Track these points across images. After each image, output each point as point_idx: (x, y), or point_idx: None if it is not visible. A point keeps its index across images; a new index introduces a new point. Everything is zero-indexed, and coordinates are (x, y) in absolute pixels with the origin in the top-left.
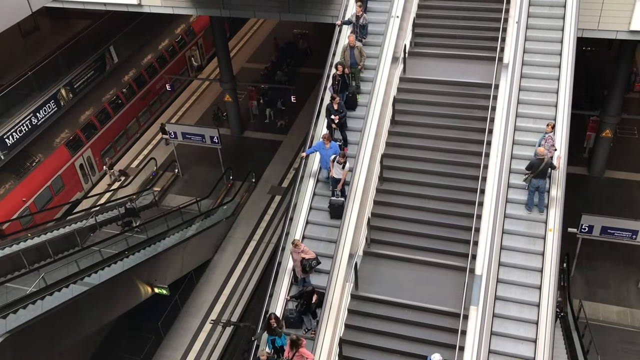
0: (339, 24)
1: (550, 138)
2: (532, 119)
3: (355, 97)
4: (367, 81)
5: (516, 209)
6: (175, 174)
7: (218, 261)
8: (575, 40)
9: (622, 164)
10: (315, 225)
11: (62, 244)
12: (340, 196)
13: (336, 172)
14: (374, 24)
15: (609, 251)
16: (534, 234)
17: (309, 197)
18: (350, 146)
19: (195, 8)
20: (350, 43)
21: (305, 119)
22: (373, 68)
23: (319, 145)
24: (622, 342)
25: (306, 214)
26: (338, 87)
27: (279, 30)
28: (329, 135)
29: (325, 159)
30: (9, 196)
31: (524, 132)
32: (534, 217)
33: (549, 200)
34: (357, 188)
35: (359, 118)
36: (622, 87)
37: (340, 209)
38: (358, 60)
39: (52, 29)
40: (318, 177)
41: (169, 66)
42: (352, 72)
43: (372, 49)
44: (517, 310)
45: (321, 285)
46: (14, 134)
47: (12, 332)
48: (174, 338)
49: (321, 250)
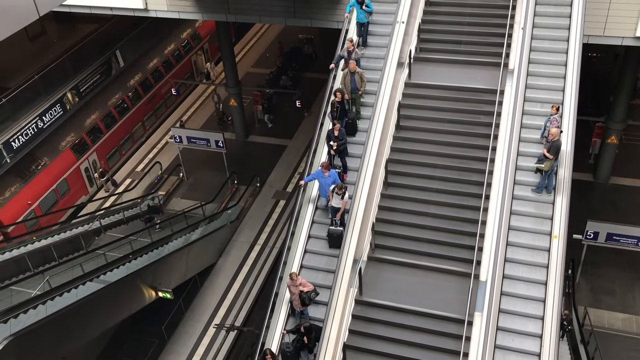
0: (331, 67)
1: (556, 120)
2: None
3: (355, 123)
4: (367, 106)
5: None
6: (180, 178)
7: (222, 265)
8: (581, 46)
9: (627, 170)
10: (313, 255)
11: (67, 247)
12: (339, 225)
13: (335, 202)
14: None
15: (615, 258)
16: (541, 229)
17: (308, 224)
18: (353, 157)
19: (201, 12)
20: (350, 69)
21: (310, 124)
22: (374, 93)
23: (318, 173)
24: (628, 349)
25: (304, 242)
26: (337, 114)
27: (285, 36)
28: (328, 163)
29: (323, 188)
30: (15, 199)
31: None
32: (543, 198)
33: (554, 205)
34: (361, 193)
35: (359, 144)
36: (627, 93)
37: (339, 239)
38: (359, 86)
39: (59, 33)
40: (317, 204)
41: (174, 70)
42: (352, 97)
43: (371, 73)
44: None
45: (319, 317)
46: (20, 138)
47: (17, 335)
48: (178, 342)
49: (320, 281)
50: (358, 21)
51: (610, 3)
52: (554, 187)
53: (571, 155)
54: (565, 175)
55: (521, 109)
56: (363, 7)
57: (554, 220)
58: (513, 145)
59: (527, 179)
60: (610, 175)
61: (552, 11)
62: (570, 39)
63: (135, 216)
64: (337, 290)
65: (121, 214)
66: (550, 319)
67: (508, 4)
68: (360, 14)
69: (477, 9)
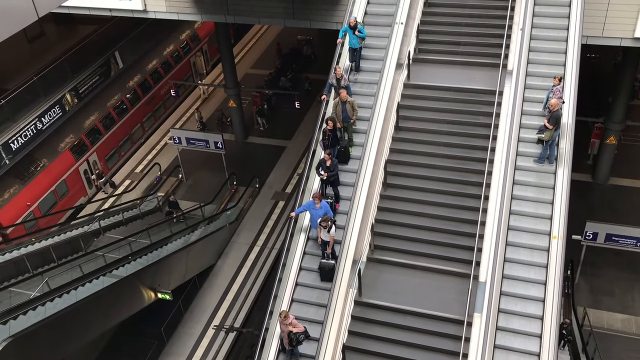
0: (323, 98)
1: (558, 90)
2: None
3: (347, 150)
4: (360, 132)
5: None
6: (179, 179)
7: (221, 266)
8: (580, 46)
9: (626, 171)
10: (305, 288)
11: (66, 249)
12: (331, 258)
13: (324, 235)
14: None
15: (614, 258)
16: (543, 199)
17: (299, 256)
18: (346, 186)
19: (200, 14)
20: (342, 98)
21: (309, 125)
22: (367, 119)
23: (309, 205)
24: (627, 350)
25: (295, 274)
26: (328, 142)
27: (284, 37)
28: (320, 194)
29: (315, 219)
30: (14, 200)
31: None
32: (545, 169)
33: (556, 175)
34: (360, 194)
35: (352, 172)
36: (626, 94)
37: (331, 273)
38: (350, 115)
39: (58, 34)
40: (309, 234)
41: (173, 72)
42: (344, 125)
43: (365, 99)
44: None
45: (310, 354)
46: (19, 139)
47: (16, 336)
48: (177, 343)
49: (311, 316)
50: (350, 46)
51: (609, 4)
52: (556, 157)
53: (572, 129)
54: (567, 147)
55: (520, 110)
56: (356, 33)
57: (552, 220)
58: (512, 146)
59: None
60: (609, 176)
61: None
62: (569, 40)
63: (134, 217)
64: (336, 291)
65: (120, 216)
66: (549, 319)
67: (507, 5)
68: (353, 39)
69: (475, 10)
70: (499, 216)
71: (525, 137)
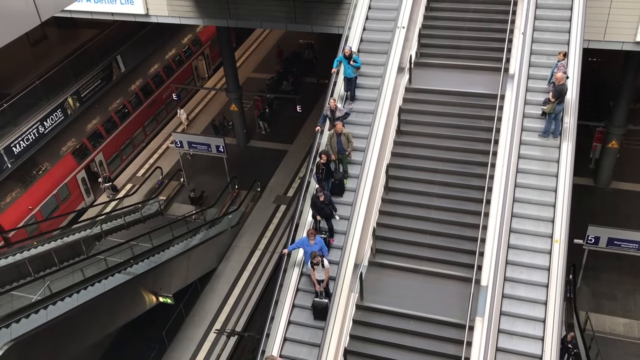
0: (317, 129)
1: (563, 65)
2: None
3: (342, 183)
4: (355, 164)
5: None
6: (181, 183)
7: (223, 270)
8: (581, 50)
9: (628, 175)
10: (297, 326)
11: (67, 253)
12: (325, 296)
13: (318, 275)
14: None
15: (616, 263)
16: (547, 171)
17: (292, 293)
18: (342, 220)
19: (202, 18)
20: (337, 130)
21: (310, 129)
22: (362, 150)
23: (303, 241)
24: (629, 354)
25: (288, 312)
26: (322, 176)
27: (285, 41)
28: (314, 230)
29: (309, 255)
30: (15, 204)
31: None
32: (549, 143)
33: (560, 149)
34: (362, 197)
35: (347, 204)
36: (628, 98)
37: (324, 312)
38: (345, 147)
39: (60, 38)
40: (302, 269)
41: (175, 76)
42: (339, 158)
43: (360, 129)
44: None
45: None
46: (21, 143)
47: (17, 340)
48: (178, 347)
49: (304, 356)
50: (345, 76)
51: (611, 8)
52: (560, 132)
53: (576, 104)
54: (571, 122)
55: (522, 114)
56: (351, 62)
57: (554, 222)
58: (514, 150)
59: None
60: (611, 180)
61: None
62: (570, 43)
63: (136, 221)
64: (338, 295)
65: (122, 219)
66: (551, 323)
67: (508, 9)
68: (348, 68)
69: (477, 14)
70: (500, 220)
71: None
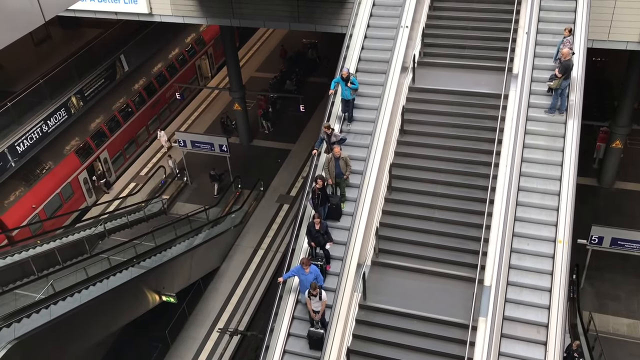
0: (314, 153)
1: (569, 42)
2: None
3: (339, 207)
4: (353, 187)
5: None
6: (184, 182)
7: (226, 269)
8: (586, 49)
9: (632, 175)
10: (293, 356)
11: (71, 252)
12: (321, 327)
13: (314, 305)
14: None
15: (619, 263)
16: (553, 146)
17: (287, 321)
18: (338, 245)
19: (206, 17)
20: (335, 154)
21: (314, 129)
22: (360, 172)
23: (297, 270)
24: (633, 355)
25: (284, 341)
26: (318, 201)
27: (289, 40)
28: (308, 259)
29: (304, 285)
30: (19, 203)
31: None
32: (555, 119)
33: (566, 125)
34: (365, 197)
35: (344, 229)
36: (632, 97)
37: (320, 342)
38: (344, 171)
39: (64, 37)
40: (298, 297)
41: (178, 75)
42: (337, 182)
43: (358, 151)
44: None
45: None
46: (25, 142)
47: (21, 339)
48: (181, 346)
49: None
50: (343, 98)
51: (615, 8)
52: (566, 108)
53: (582, 82)
54: (577, 98)
55: (525, 114)
56: (348, 85)
57: (558, 224)
58: (517, 150)
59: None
60: (615, 180)
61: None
62: (574, 43)
63: (139, 220)
64: (340, 294)
65: (125, 218)
66: (555, 323)
67: (512, 9)
68: (345, 90)
69: (481, 14)
70: (504, 220)
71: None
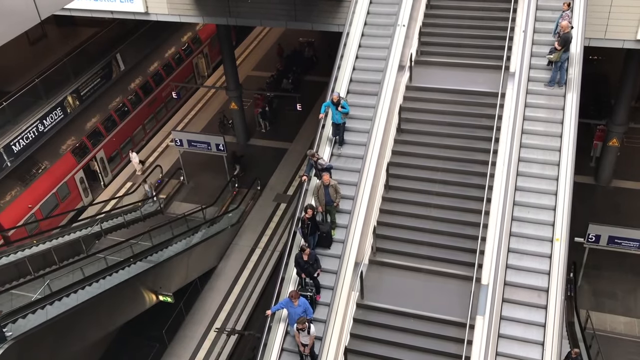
0: (304, 179)
1: (567, 15)
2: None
3: (330, 235)
4: (344, 212)
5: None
6: (181, 182)
7: (223, 269)
8: (582, 48)
9: (629, 173)
10: None
11: (67, 251)
12: (310, 359)
13: (303, 339)
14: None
15: (617, 261)
16: (553, 118)
17: (277, 353)
18: (328, 273)
19: (202, 16)
20: (324, 182)
21: (311, 127)
22: (351, 197)
23: (286, 302)
24: (630, 353)
25: None
26: (307, 231)
27: (285, 39)
28: (296, 292)
29: (293, 318)
30: (15, 203)
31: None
32: (555, 92)
33: (565, 99)
34: (362, 196)
35: (335, 257)
36: (629, 96)
37: None
38: (334, 198)
39: (60, 36)
40: (287, 328)
41: (175, 74)
42: (327, 209)
43: (349, 175)
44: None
45: None
46: (21, 141)
47: (17, 339)
48: (178, 346)
49: None
50: (334, 122)
51: (611, 6)
52: (565, 81)
53: (581, 57)
54: (575, 73)
55: (522, 113)
56: (339, 109)
57: (555, 222)
58: (514, 149)
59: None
60: (612, 178)
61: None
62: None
63: (135, 219)
64: (338, 293)
65: (122, 218)
66: (552, 323)
67: (509, 7)
68: (336, 114)
69: (478, 12)
70: (501, 218)
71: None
